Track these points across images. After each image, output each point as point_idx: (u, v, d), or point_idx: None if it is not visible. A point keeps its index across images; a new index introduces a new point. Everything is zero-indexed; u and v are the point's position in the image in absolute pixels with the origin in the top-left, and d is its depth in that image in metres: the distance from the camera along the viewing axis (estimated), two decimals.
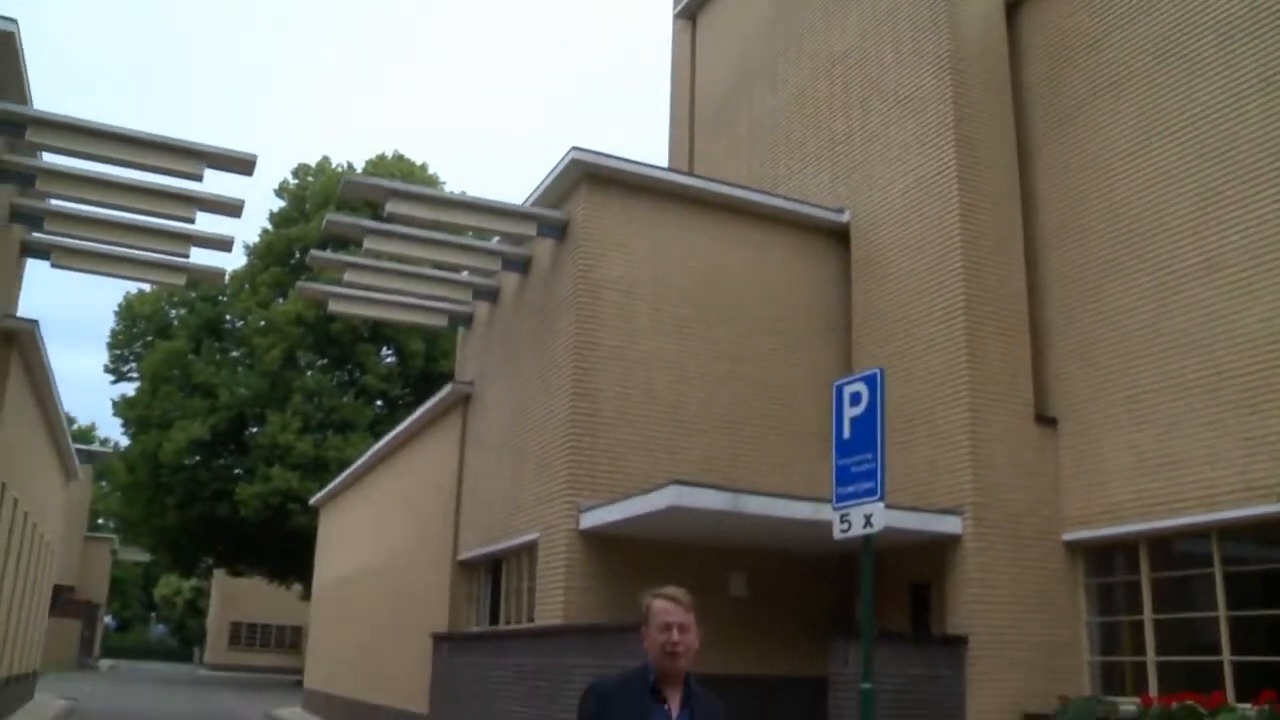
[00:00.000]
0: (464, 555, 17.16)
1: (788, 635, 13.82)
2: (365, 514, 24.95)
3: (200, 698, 35.49)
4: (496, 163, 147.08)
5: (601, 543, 12.90)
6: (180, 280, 16.98)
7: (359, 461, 25.50)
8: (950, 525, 12.33)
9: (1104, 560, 12.71)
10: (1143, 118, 12.64)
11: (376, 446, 23.52)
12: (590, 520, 12.79)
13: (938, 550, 12.76)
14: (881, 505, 7.41)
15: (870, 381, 7.74)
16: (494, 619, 16.23)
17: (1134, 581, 12.18)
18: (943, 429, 12.91)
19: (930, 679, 11.86)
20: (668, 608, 4.25)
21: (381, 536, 22.81)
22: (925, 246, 13.72)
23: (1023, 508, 12.65)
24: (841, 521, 7.75)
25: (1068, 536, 12.73)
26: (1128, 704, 11.57)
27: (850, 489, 7.69)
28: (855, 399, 7.82)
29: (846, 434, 7.84)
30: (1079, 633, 12.65)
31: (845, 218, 15.33)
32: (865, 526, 7.51)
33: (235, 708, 31.19)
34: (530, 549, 14.42)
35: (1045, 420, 13.07)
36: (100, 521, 72.60)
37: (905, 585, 13.91)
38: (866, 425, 7.64)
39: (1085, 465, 12.65)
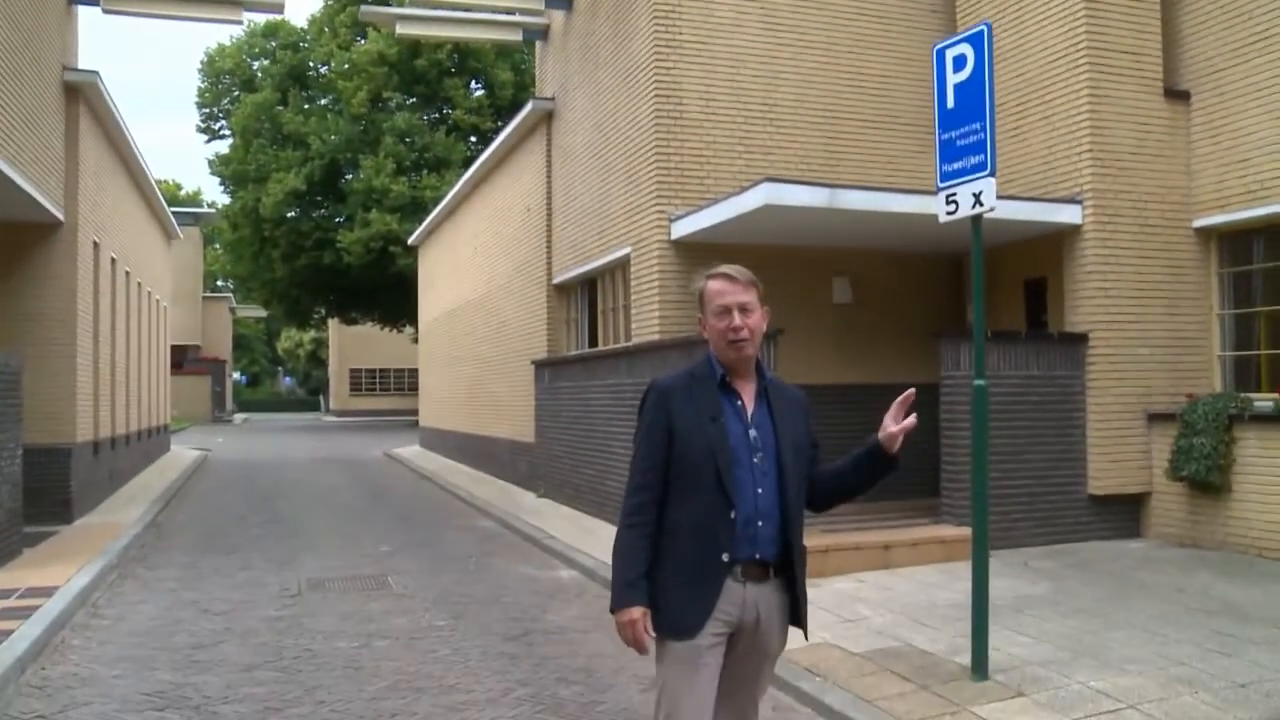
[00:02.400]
0: (558, 278, 16.94)
1: (895, 341, 13.43)
2: (461, 248, 24.89)
3: (324, 443, 37.03)
4: None
5: (695, 253, 12.35)
6: (237, 15, 16.26)
7: (449, 195, 25.24)
8: (1069, 215, 11.46)
9: (1240, 247, 11.74)
10: None
11: (465, 176, 23.10)
12: (681, 229, 12.22)
13: (1055, 243, 11.95)
14: (992, 181, 6.64)
15: (976, 41, 6.82)
16: (592, 342, 16.10)
17: (1275, 269, 11.28)
18: (1059, 111, 11.81)
19: (1047, 379, 11.34)
20: (724, 287, 3.65)
21: (478, 268, 22.78)
22: None
23: (1149, 193, 11.66)
24: (948, 203, 7.01)
25: (1199, 222, 11.77)
26: (1263, 400, 10.94)
27: (957, 165, 6.91)
28: (959, 63, 6.93)
29: (950, 103, 6.99)
30: (1210, 326, 11.89)
31: None
32: (974, 206, 6.77)
33: (356, 448, 32.50)
34: (623, 265, 14.06)
35: (1176, 94, 11.85)
36: (219, 283, 74.97)
37: (1019, 282, 13.22)
38: (973, 91, 6.78)
39: (1222, 141, 11.53)
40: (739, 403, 3.66)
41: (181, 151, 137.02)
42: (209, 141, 48.96)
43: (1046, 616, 7.98)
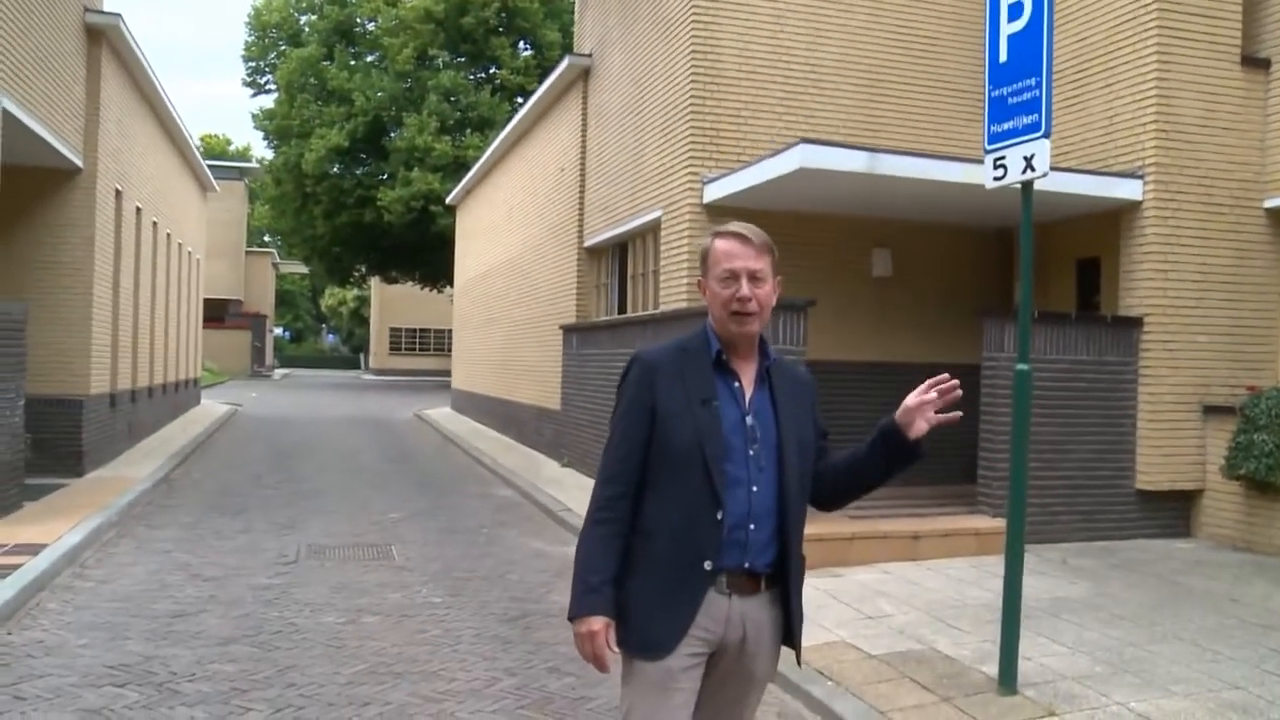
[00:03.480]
0: (590, 241, 16.42)
1: (936, 318, 12.81)
2: (496, 208, 24.43)
3: (358, 401, 36.79)
4: None
5: (728, 217, 11.58)
6: None
7: (486, 154, 24.78)
8: (1128, 190, 10.70)
9: None
10: None
11: (501, 135, 22.61)
12: (714, 192, 11.61)
13: (1111, 221, 11.19)
14: (1046, 143, 5.97)
15: None
16: (621, 308, 15.59)
17: None
18: (1123, 79, 11.02)
19: (1097, 365, 10.63)
20: (733, 249, 3.05)
21: (512, 229, 22.36)
22: None
23: (1217, 168, 10.85)
24: (995, 167, 6.35)
25: (1271, 202, 10.94)
26: None
27: (1007, 125, 6.24)
28: (1015, 11, 6.25)
29: (1003, 56, 6.32)
30: (1277, 315, 11.09)
31: None
32: (1025, 171, 6.11)
33: (388, 408, 32.19)
34: (654, 229, 13.48)
35: (1254, 62, 11.00)
36: (266, 239, 75.12)
37: (1071, 261, 12.50)
38: (1029, 43, 6.11)
39: None
40: (736, 385, 3.09)
41: (235, 107, 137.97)
42: (254, 96, 48.93)
43: (1085, 623, 7.34)
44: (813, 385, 3.29)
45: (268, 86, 46.99)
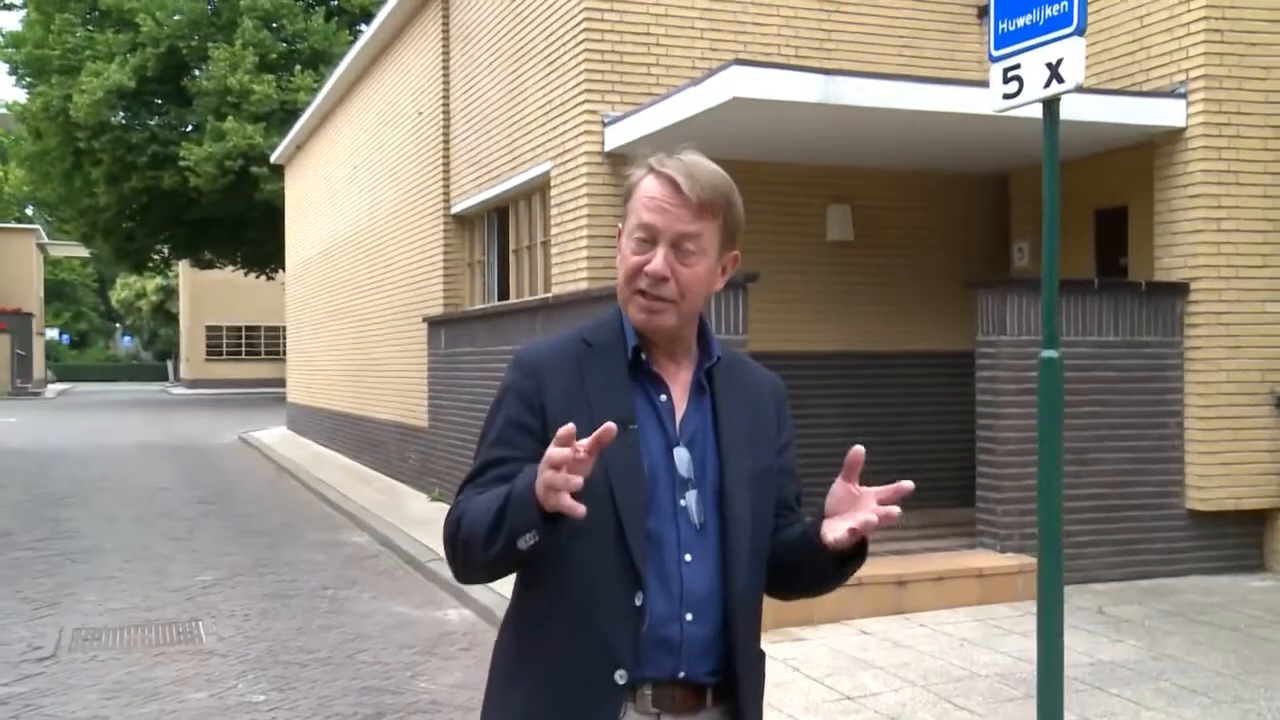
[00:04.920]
0: (458, 206, 16.27)
1: (912, 292, 12.79)
2: (336, 167, 24.25)
3: (163, 422, 36.33)
4: None
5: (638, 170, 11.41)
6: None
7: (320, 96, 24.60)
8: (1166, 114, 10.48)
9: None
10: None
11: (339, 71, 22.41)
12: (618, 136, 11.36)
13: (1141, 158, 11.03)
14: (1079, 43, 5.55)
15: None
16: (503, 293, 15.42)
17: None
18: None
19: (1129, 348, 10.46)
20: (660, 195, 2.50)
21: (358, 194, 22.21)
22: None
23: None
24: (1007, 80, 5.92)
25: None
26: None
27: (1023, 21, 5.78)
28: None
29: None
30: None
31: None
32: (1050, 84, 5.70)
33: (203, 431, 31.89)
34: (541, 188, 13.31)
35: None
36: (29, 211, 73.43)
37: (1088, 212, 12.38)
38: None
39: None
40: (663, 398, 2.57)
41: None
42: None
43: (1143, 698, 7.00)
44: (780, 391, 2.79)
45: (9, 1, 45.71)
